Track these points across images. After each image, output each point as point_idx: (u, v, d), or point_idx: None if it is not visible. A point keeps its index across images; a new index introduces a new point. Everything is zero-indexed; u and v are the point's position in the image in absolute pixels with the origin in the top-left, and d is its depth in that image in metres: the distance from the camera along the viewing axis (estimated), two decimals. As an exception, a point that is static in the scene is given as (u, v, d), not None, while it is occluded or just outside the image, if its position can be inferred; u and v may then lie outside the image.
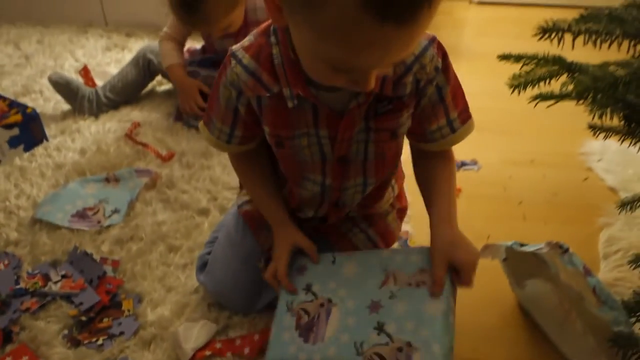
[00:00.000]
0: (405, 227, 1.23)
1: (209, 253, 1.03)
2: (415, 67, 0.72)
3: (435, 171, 0.86)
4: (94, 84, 1.71)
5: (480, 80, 1.81)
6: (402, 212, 1.05)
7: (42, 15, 2.22)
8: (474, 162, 1.45)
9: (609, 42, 0.57)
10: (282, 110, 0.75)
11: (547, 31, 0.62)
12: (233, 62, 0.75)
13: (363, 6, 0.50)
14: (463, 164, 1.44)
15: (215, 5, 1.28)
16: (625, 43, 0.57)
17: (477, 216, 1.28)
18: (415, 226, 1.23)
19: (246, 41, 0.75)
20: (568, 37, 0.62)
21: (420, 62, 0.72)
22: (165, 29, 1.54)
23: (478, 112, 1.65)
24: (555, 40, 0.67)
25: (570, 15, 2.33)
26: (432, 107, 0.78)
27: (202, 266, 1.02)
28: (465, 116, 0.82)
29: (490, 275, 1.08)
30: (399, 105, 0.75)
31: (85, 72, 1.73)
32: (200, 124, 0.88)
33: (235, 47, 0.76)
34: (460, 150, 1.48)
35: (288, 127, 0.77)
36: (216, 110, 0.82)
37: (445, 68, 0.75)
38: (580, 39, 0.61)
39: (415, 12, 0.51)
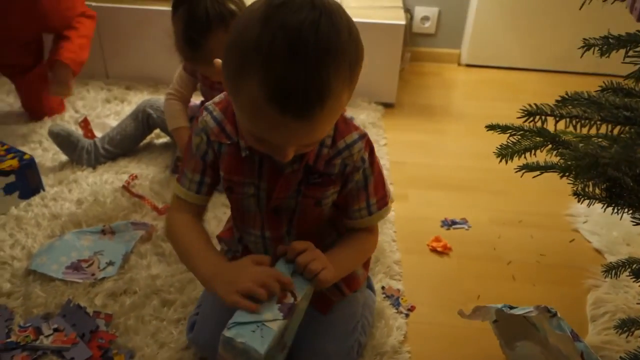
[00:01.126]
0: (397, 285, 1.25)
1: (197, 314, 1.04)
2: (345, 153, 0.86)
3: (350, 236, 0.97)
4: (93, 136, 1.74)
5: (470, 140, 1.88)
6: (367, 261, 1.10)
7: (45, 66, 2.28)
8: (465, 221, 1.49)
9: (588, 126, 0.62)
10: (236, 159, 0.87)
11: (531, 114, 0.67)
12: (205, 113, 0.89)
13: (267, 99, 0.64)
14: (453, 222, 1.48)
15: (218, 44, 1.32)
16: (604, 127, 0.63)
17: (467, 276, 1.30)
18: (407, 284, 1.25)
19: (217, 98, 0.90)
20: (551, 119, 0.67)
21: (349, 151, 0.86)
22: (171, 87, 1.58)
23: (468, 172, 1.72)
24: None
25: (552, 79, 2.42)
26: (357, 191, 0.92)
27: (192, 327, 1.03)
28: (383, 203, 0.95)
29: (480, 337, 1.09)
30: (327, 180, 0.88)
31: (85, 123, 1.76)
32: (174, 182, 0.98)
33: (208, 102, 0.90)
34: (451, 209, 1.53)
35: (240, 174, 0.88)
36: (188, 161, 0.93)
37: (371, 162, 0.90)
38: (562, 121, 0.66)
39: (309, 111, 0.65)
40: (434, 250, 1.38)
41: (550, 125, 0.68)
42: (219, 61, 0.78)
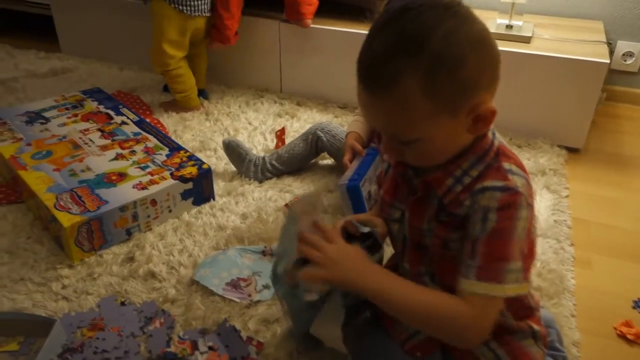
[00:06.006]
0: None
1: None
2: (477, 196, 0.76)
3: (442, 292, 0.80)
4: (283, 144, 1.81)
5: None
6: (541, 338, 0.91)
7: (227, 76, 2.43)
8: (664, 307, 1.24)
9: None
10: (394, 180, 0.90)
11: None
12: None
13: (358, 69, 0.74)
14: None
15: None
16: None
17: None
18: None
19: None
20: None
21: (482, 195, 0.75)
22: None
23: None
24: None
25: None
26: (467, 238, 0.77)
27: None
28: (486, 276, 0.75)
29: None
30: (454, 222, 0.79)
31: (281, 133, 1.85)
32: None
33: None
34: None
35: (391, 194, 0.91)
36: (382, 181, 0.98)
37: (497, 219, 0.74)
38: None
39: (371, 83, 0.72)
40: (622, 336, 1.16)
41: None
42: None
